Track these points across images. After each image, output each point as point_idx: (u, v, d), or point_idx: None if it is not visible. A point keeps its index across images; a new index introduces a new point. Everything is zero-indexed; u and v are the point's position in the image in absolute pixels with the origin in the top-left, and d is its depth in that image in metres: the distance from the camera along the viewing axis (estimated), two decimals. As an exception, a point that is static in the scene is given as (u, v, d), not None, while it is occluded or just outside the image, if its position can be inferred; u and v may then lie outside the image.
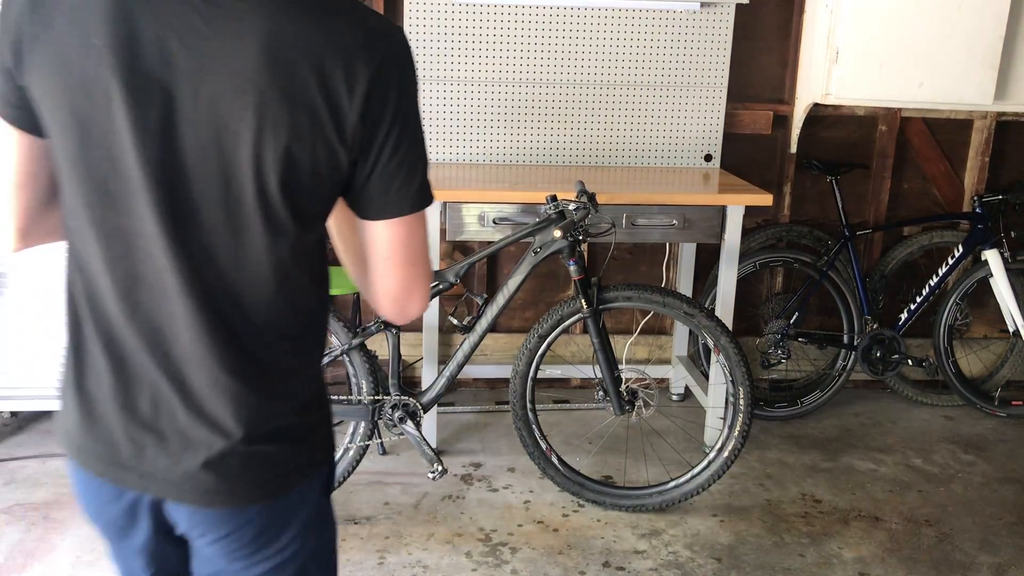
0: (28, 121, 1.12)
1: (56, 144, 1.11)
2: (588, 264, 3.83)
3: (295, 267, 1.16)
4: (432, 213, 3.17)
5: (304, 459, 1.25)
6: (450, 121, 3.69)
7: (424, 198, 1.19)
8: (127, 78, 1.04)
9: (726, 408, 3.09)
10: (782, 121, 3.91)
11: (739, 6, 3.68)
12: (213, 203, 1.10)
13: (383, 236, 1.19)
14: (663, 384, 4.00)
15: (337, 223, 1.27)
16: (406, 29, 3.55)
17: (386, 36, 1.12)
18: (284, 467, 1.22)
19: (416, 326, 3.82)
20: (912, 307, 3.89)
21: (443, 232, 3.22)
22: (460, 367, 2.95)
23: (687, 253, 3.85)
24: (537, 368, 3.02)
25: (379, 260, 1.21)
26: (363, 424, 2.83)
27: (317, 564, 1.31)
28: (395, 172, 1.15)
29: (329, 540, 1.34)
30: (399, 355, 2.83)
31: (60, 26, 1.05)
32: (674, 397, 4.03)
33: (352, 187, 1.16)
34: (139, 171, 1.08)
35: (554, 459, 3.06)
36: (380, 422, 2.88)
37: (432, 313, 3.29)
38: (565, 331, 3.05)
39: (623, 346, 3.95)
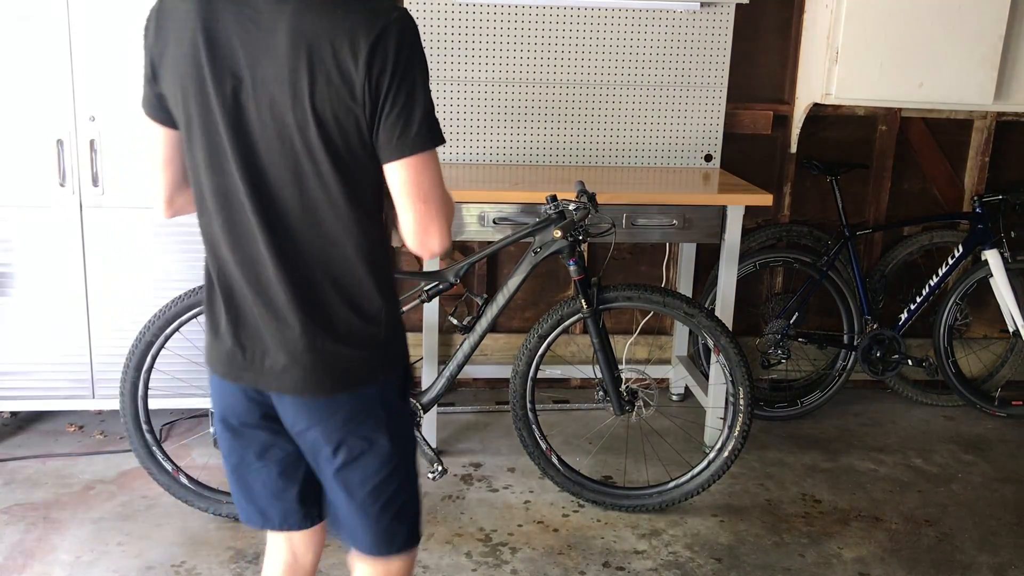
0: (166, 119, 1.55)
1: (182, 131, 1.52)
2: (588, 264, 3.83)
3: (349, 205, 1.48)
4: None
5: (377, 362, 1.58)
6: (450, 121, 3.69)
7: (421, 143, 1.45)
8: (213, 74, 1.44)
9: (726, 408, 3.09)
10: (782, 121, 3.91)
11: (739, 6, 3.68)
12: (276, 159, 1.46)
13: (395, 177, 1.47)
14: (663, 384, 4.00)
15: None
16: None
17: (383, 14, 1.41)
18: (360, 366, 1.56)
19: (416, 326, 3.83)
20: (912, 307, 3.89)
21: (443, 232, 3.22)
22: (460, 367, 2.95)
23: (687, 253, 3.85)
24: (537, 368, 3.02)
25: (398, 199, 1.49)
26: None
27: (401, 452, 1.65)
28: (396, 121, 1.43)
29: (409, 438, 1.69)
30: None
31: (172, 47, 1.47)
32: (674, 397, 4.03)
33: (371, 136, 1.46)
34: (226, 141, 1.46)
35: (554, 459, 3.06)
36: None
37: (432, 313, 3.29)
38: (565, 331, 3.05)
39: (623, 346, 3.95)
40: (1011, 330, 3.86)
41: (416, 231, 1.49)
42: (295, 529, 1.77)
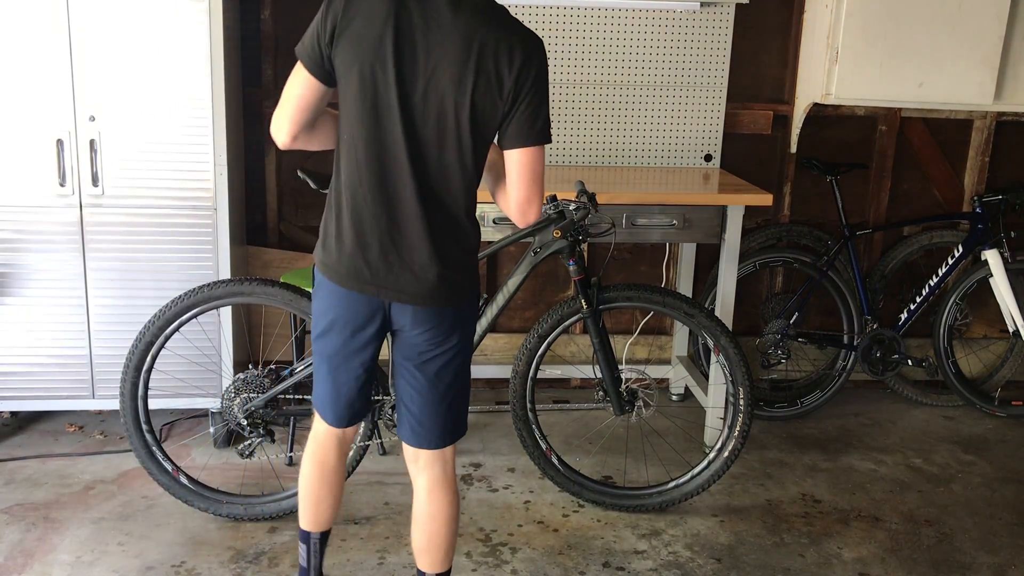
0: (324, 76, 1.97)
1: (348, 91, 1.94)
2: (588, 264, 3.83)
3: (473, 169, 1.99)
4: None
5: (469, 284, 2.10)
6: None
7: (540, 138, 1.97)
8: (395, 55, 1.89)
9: (726, 408, 3.09)
10: (782, 121, 3.91)
11: (739, 6, 3.68)
12: (430, 127, 1.94)
13: (514, 160, 1.98)
14: (663, 384, 4.00)
15: (489, 157, 2.07)
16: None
17: (532, 38, 1.95)
18: (461, 286, 2.08)
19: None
20: (912, 307, 3.89)
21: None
22: (460, 367, 2.95)
23: (687, 253, 3.85)
24: (537, 368, 3.01)
25: (511, 177, 2.00)
26: (363, 424, 2.83)
27: (468, 354, 2.19)
28: (525, 119, 1.95)
29: (472, 344, 2.22)
30: (399, 355, 2.83)
31: (358, 25, 1.90)
32: (674, 397, 4.03)
33: (500, 126, 1.97)
34: (396, 104, 1.91)
35: (554, 459, 3.06)
36: (380, 422, 2.88)
37: (432, 313, 3.29)
38: (565, 331, 3.05)
39: (623, 346, 3.95)
40: (1011, 330, 3.87)
41: (521, 203, 2.00)
42: (359, 423, 2.30)
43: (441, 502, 2.23)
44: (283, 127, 2.02)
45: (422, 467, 2.22)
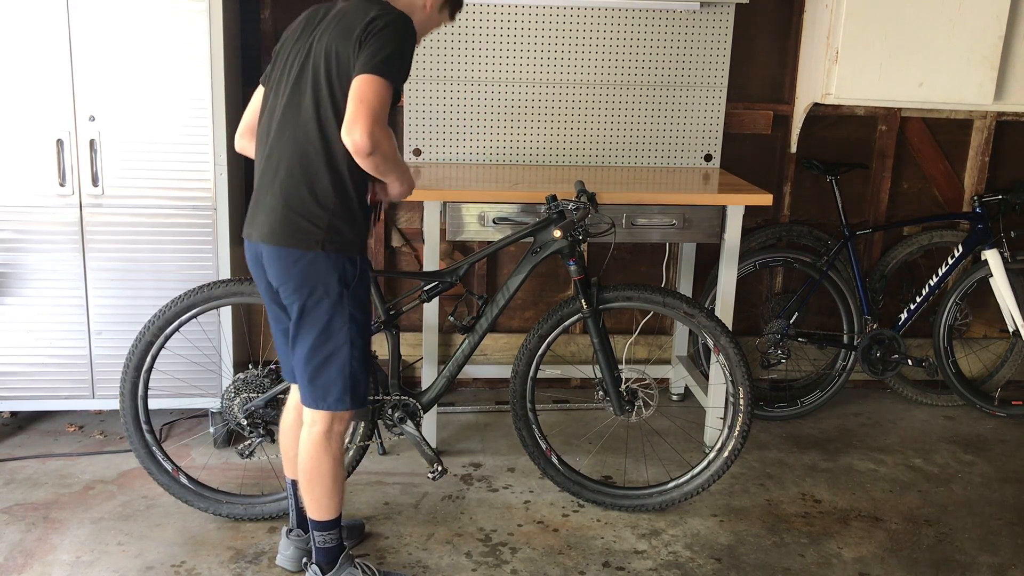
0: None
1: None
2: (588, 264, 3.83)
3: (332, 118, 2.22)
4: (432, 212, 3.18)
5: (322, 236, 2.23)
6: (450, 121, 3.69)
7: (372, 69, 2.12)
8: (299, 33, 2.36)
9: (726, 408, 3.09)
10: (782, 121, 3.91)
11: (739, 6, 3.68)
12: (298, 78, 2.27)
13: (351, 88, 2.15)
14: (663, 384, 4.00)
15: None
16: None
17: (388, 9, 2.22)
18: (310, 233, 2.23)
19: (416, 326, 3.83)
20: (912, 307, 3.89)
21: (443, 232, 3.22)
22: (460, 367, 2.95)
23: (687, 253, 3.85)
24: (537, 368, 3.01)
25: (348, 103, 2.16)
26: (363, 424, 2.83)
27: (332, 325, 2.29)
28: (366, 56, 2.14)
29: (344, 318, 2.30)
30: (399, 355, 2.83)
31: (287, 42, 2.38)
32: (674, 397, 4.03)
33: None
34: (282, 70, 2.35)
35: (554, 459, 3.06)
36: (380, 422, 2.88)
37: (432, 313, 3.29)
38: (565, 331, 3.05)
39: (623, 346, 3.95)
40: (1011, 330, 3.87)
41: (346, 122, 2.12)
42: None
43: (304, 457, 2.40)
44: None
45: (303, 417, 2.41)
